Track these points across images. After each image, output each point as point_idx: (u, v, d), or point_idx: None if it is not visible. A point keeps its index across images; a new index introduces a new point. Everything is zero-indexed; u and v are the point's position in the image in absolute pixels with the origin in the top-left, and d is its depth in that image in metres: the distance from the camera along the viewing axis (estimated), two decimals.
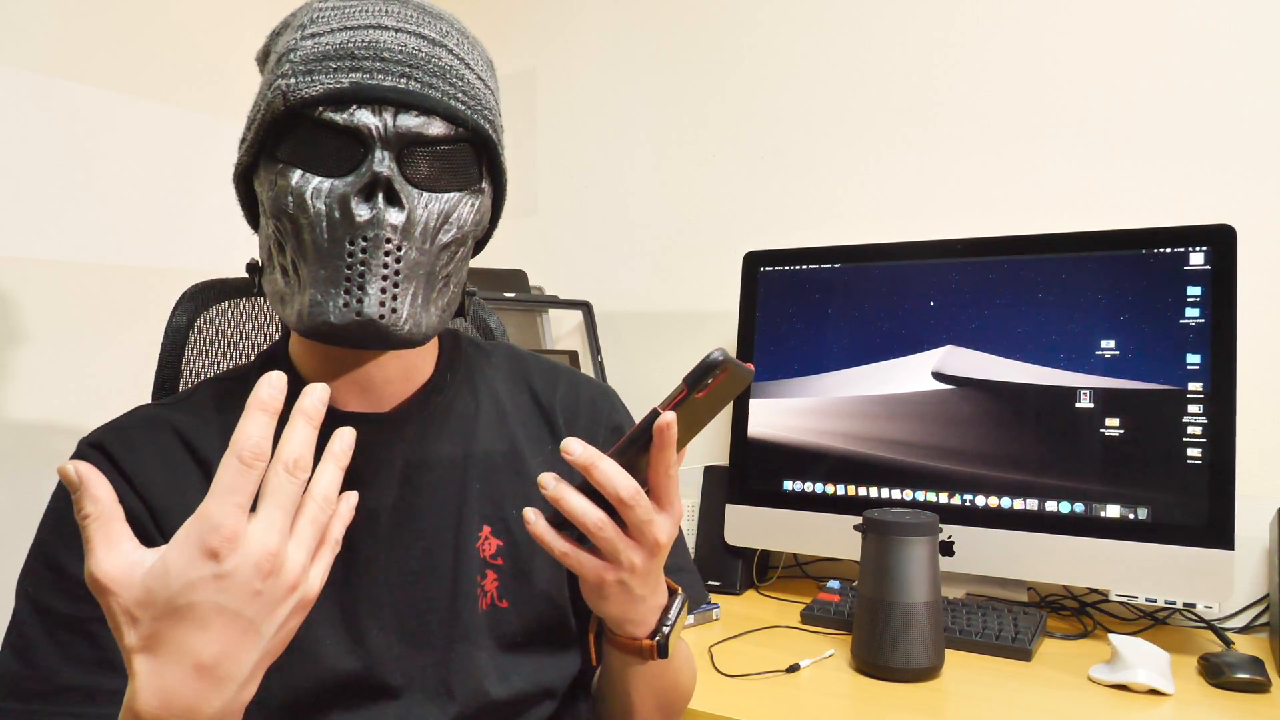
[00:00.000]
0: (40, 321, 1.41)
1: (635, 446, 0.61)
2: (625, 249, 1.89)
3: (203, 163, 1.62)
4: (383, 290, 0.66)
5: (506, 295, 1.74)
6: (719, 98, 1.78)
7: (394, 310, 0.66)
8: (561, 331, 2.00)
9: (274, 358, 0.78)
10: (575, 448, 0.60)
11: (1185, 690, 1.05)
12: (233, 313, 1.00)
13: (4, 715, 0.63)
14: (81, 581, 0.65)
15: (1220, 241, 1.20)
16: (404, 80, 0.67)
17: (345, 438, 0.54)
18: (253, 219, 0.76)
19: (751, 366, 0.64)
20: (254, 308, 1.02)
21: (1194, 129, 1.37)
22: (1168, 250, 1.23)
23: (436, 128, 0.68)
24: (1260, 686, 1.04)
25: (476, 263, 2.05)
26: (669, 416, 0.60)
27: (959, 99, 1.55)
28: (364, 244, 0.65)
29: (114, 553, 0.48)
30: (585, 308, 1.85)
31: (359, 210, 0.65)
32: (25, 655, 0.64)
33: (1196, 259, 1.21)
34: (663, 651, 0.70)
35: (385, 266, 0.66)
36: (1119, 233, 1.26)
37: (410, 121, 0.67)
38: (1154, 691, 1.03)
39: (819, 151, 1.68)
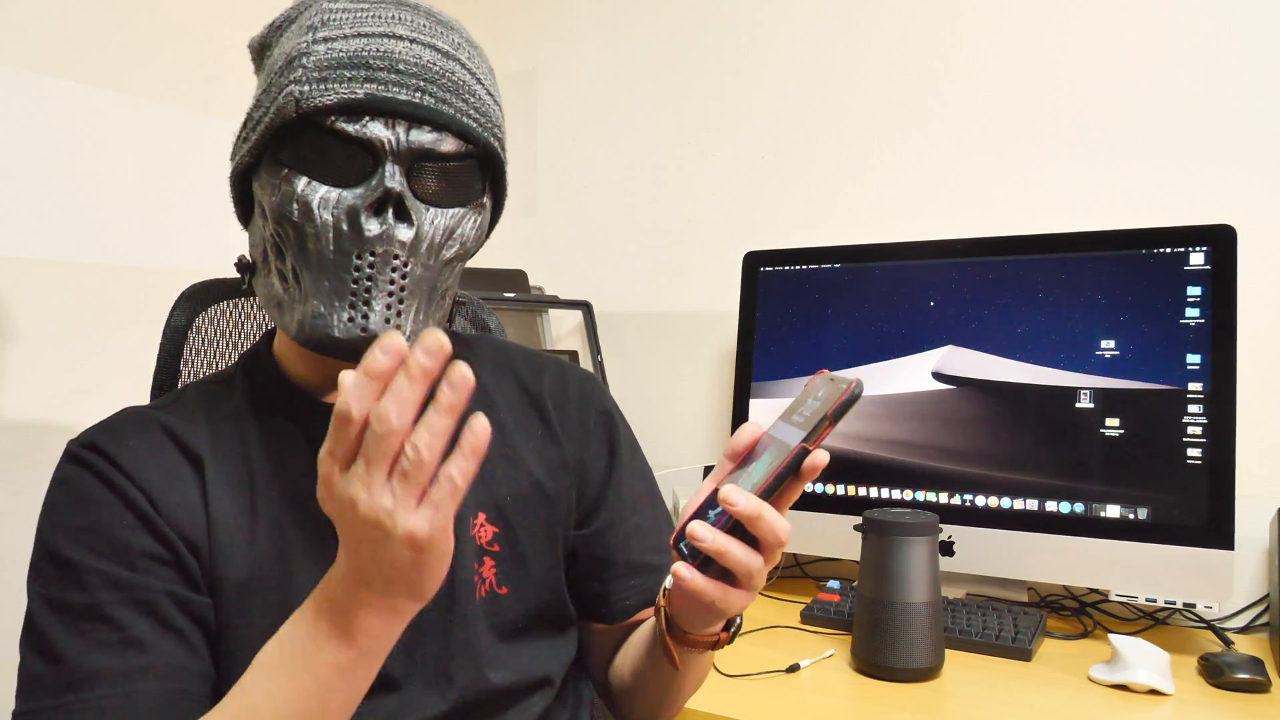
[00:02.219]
0: (37, 321, 1.41)
1: (783, 483, 0.60)
2: (625, 249, 1.89)
3: (200, 162, 1.62)
4: (388, 307, 0.66)
5: (506, 295, 1.74)
6: (719, 98, 1.78)
7: (398, 327, 0.67)
8: (561, 331, 1.99)
9: (256, 359, 0.78)
10: (739, 499, 0.59)
11: (1185, 690, 1.05)
12: (231, 313, 1.00)
13: (38, 715, 0.63)
14: (90, 569, 0.65)
15: (1220, 241, 1.20)
16: (419, 95, 0.67)
17: (458, 379, 0.50)
18: (244, 216, 0.76)
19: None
20: (252, 308, 1.02)
21: (1194, 129, 1.37)
22: (1168, 250, 1.23)
23: (448, 144, 0.68)
24: (1260, 686, 1.04)
25: (476, 262, 2.05)
26: (823, 456, 0.60)
27: (959, 99, 1.54)
28: (372, 259, 0.65)
29: None
30: (585, 308, 1.85)
31: (369, 225, 0.65)
32: (48, 653, 0.64)
33: (1196, 259, 1.21)
34: (733, 639, 0.73)
35: (392, 283, 0.66)
36: (1119, 233, 1.26)
37: (423, 137, 0.67)
38: (1154, 691, 1.03)
39: (819, 151, 1.68)
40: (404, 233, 0.66)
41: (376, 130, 0.66)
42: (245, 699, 0.59)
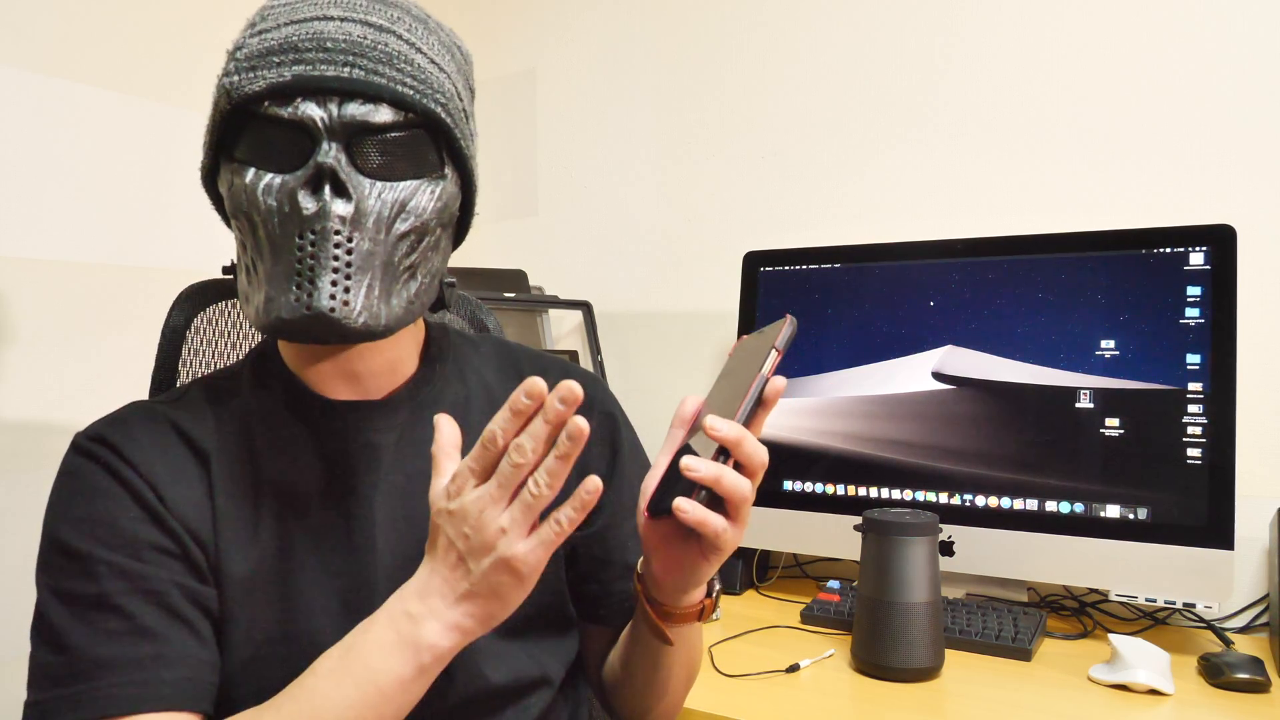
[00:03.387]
0: (37, 321, 1.41)
1: (753, 414, 0.65)
2: (625, 249, 1.89)
3: (199, 161, 1.62)
4: (333, 283, 0.65)
5: (506, 295, 1.74)
6: (719, 98, 1.78)
7: (345, 303, 0.66)
8: (561, 331, 1.99)
9: (264, 354, 0.78)
10: (722, 426, 0.61)
11: (1185, 690, 1.05)
12: (230, 313, 1.00)
13: (48, 705, 0.63)
14: (98, 559, 0.65)
15: (1220, 241, 1.20)
16: (347, 69, 0.66)
17: (575, 432, 0.56)
18: (226, 220, 0.76)
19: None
20: None
21: (1194, 129, 1.37)
22: (1168, 250, 1.23)
23: (384, 115, 0.67)
24: (1260, 686, 1.04)
25: (476, 262, 2.05)
26: (781, 381, 0.65)
27: (959, 99, 1.54)
28: (312, 237, 0.65)
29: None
30: (585, 308, 1.85)
31: (305, 203, 0.65)
32: (57, 644, 0.64)
33: (1196, 259, 1.21)
34: (716, 604, 0.75)
35: (335, 259, 0.65)
36: (1119, 233, 1.26)
37: (356, 110, 0.66)
38: (1154, 691, 1.03)
39: (819, 151, 1.67)
40: (342, 207, 0.65)
41: (309, 110, 0.65)
42: (307, 700, 0.62)
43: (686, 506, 0.61)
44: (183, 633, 0.66)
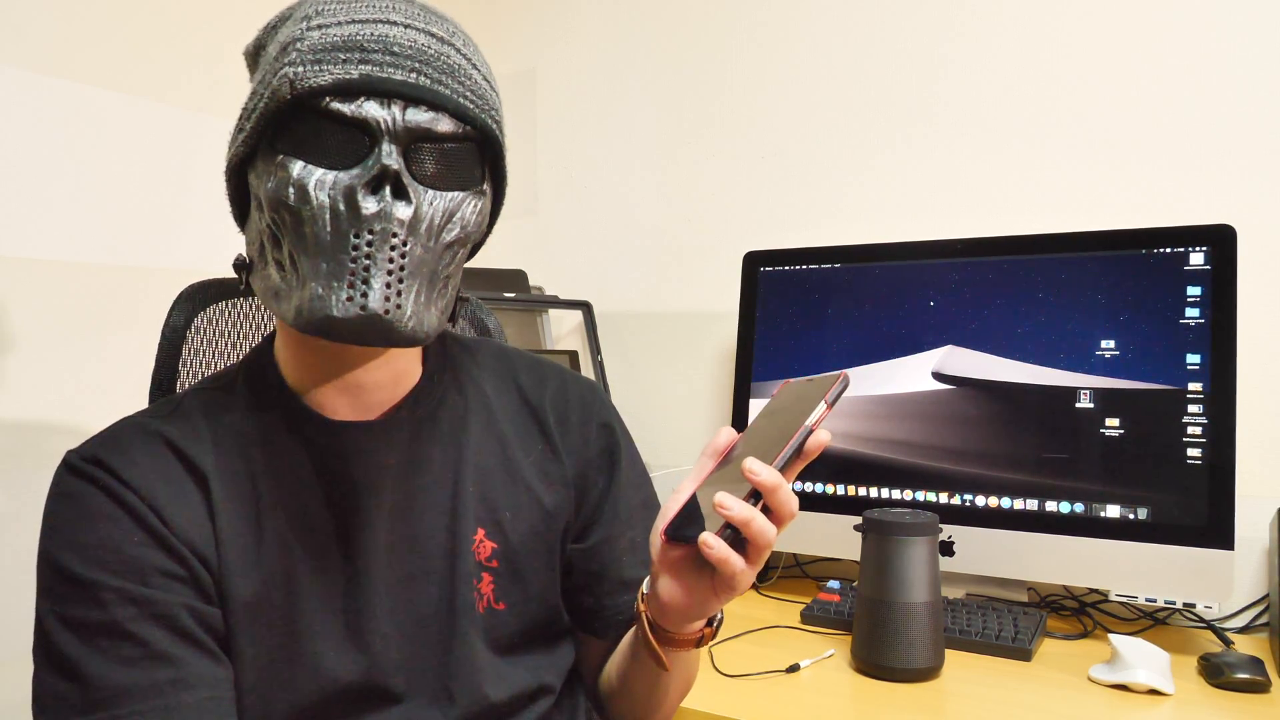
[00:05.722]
0: (36, 322, 1.41)
1: (789, 462, 0.64)
2: (625, 249, 1.89)
3: (200, 162, 1.62)
4: (387, 285, 0.64)
5: (506, 295, 1.74)
6: (719, 97, 1.78)
7: (398, 306, 0.65)
8: (561, 331, 1.99)
9: (258, 363, 0.76)
10: (761, 470, 0.61)
11: (1185, 690, 1.05)
12: (230, 313, 1.00)
13: None
14: (104, 585, 0.64)
15: (1220, 241, 1.20)
16: (414, 75, 0.66)
17: None
18: (240, 215, 0.74)
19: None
20: (251, 308, 1.02)
21: (1194, 129, 1.37)
22: (1168, 250, 1.23)
23: (445, 124, 0.67)
24: (1260, 686, 1.04)
25: (476, 262, 2.05)
26: (825, 435, 0.65)
27: (959, 99, 1.54)
28: (370, 237, 0.64)
29: None
30: (585, 308, 1.85)
31: (366, 203, 0.64)
32: (69, 671, 0.63)
33: (1196, 259, 1.21)
34: (716, 633, 0.74)
35: (391, 261, 0.65)
36: (1119, 233, 1.26)
37: (419, 116, 0.66)
38: (1154, 691, 1.03)
39: (819, 151, 1.67)
40: (402, 210, 0.65)
41: (372, 110, 0.65)
42: None
43: (712, 543, 0.61)
44: (197, 654, 0.65)
